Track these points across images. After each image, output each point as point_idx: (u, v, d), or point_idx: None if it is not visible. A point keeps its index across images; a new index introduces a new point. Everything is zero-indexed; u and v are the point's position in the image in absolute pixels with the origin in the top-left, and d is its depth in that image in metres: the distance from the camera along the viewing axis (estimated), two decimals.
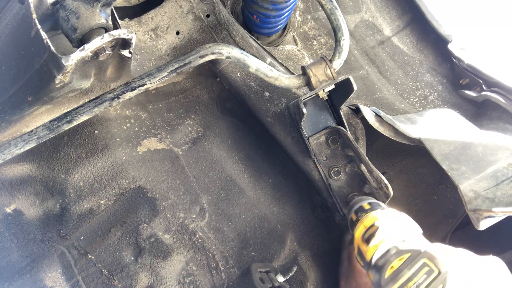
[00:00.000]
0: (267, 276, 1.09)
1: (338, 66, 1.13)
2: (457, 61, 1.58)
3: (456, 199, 1.25)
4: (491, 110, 1.47)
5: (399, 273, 0.70)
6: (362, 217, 0.90)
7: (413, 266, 0.70)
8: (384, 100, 1.53)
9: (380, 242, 0.76)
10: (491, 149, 1.08)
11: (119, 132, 1.23)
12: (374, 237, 0.78)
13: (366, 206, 0.95)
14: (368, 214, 0.89)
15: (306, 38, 1.63)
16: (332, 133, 1.17)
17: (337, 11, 1.12)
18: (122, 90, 1.02)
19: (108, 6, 0.87)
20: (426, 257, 0.71)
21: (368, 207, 0.94)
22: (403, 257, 0.71)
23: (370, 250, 0.77)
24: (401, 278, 0.70)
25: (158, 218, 1.15)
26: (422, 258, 0.71)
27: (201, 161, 1.29)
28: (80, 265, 1.08)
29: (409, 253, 0.71)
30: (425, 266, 0.70)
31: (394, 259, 0.71)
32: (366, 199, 1.00)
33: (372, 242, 0.78)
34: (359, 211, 0.94)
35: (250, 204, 1.27)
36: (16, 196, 1.13)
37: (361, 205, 0.96)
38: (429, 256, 0.71)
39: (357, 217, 0.93)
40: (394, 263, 0.71)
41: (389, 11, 1.72)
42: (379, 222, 0.82)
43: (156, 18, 1.25)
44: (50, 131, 0.97)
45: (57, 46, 0.84)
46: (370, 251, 0.76)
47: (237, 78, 1.26)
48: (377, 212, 0.88)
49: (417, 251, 0.71)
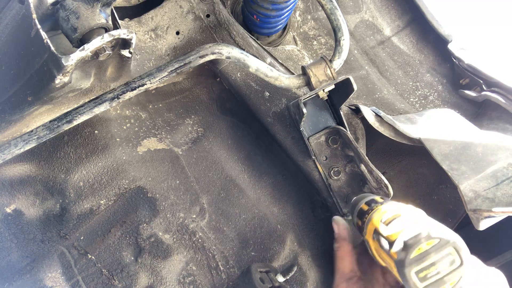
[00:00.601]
0: (267, 276, 1.09)
1: (338, 66, 1.13)
2: (457, 61, 1.58)
3: (456, 199, 1.25)
4: (491, 110, 1.47)
5: (426, 255, 0.72)
6: (378, 206, 0.90)
7: (440, 252, 0.72)
8: (384, 100, 1.53)
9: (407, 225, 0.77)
10: (491, 149, 1.08)
11: (119, 132, 1.23)
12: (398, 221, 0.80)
13: (379, 199, 0.96)
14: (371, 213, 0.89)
15: (306, 38, 1.63)
16: (332, 133, 1.17)
17: (337, 11, 1.12)
18: (122, 90, 1.02)
19: (108, 6, 0.87)
20: (453, 246, 0.72)
21: (382, 200, 0.95)
22: (432, 242, 0.73)
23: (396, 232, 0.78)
24: (426, 260, 0.72)
25: (158, 218, 1.15)
26: (450, 246, 0.72)
27: (201, 161, 1.29)
28: (80, 265, 1.08)
29: (438, 239, 0.73)
30: (450, 255, 0.72)
31: (424, 242, 0.73)
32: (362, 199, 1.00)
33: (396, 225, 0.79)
34: (372, 202, 0.95)
35: (250, 204, 1.27)
36: (16, 196, 1.13)
37: (373, 198, 0.97)
38: (457, 246, 0.72)
39: (370, 207, 0.93)
40: (423, 245, 0.73)
41: (389, 11, 1.72)
42: (400, 210, 0.83)
43: (156, 18, 1.25)
44: (50, 131, 0.97)
45: (57, 46, 0.84)
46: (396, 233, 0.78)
47: (237, 78, 1.26)
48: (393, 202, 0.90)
49: (446, 239, 0.73)
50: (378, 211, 0.87)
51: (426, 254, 0.72)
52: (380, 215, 0.85)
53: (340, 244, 1.07)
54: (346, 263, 1.04)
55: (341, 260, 1.05)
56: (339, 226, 1.10)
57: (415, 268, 0.72)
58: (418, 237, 0.74)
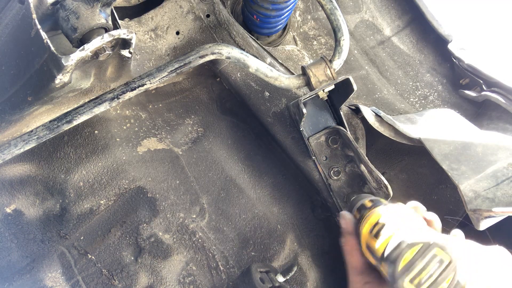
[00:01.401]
0: (267, 276, 1.09)
1: (338, 66, 1.13)
2: (457, 61, 1.58)
3: (456, 199, 1.25)
4: (491, 110, 1.46)
5: (412, 264, 0.72)
6: (366, 214, 0.90)
7: (425, 257, 0.72)
8: (384, 100, 1.53)
9: (390, 236, 0.77)
10: (491, 149, 1.08)
11: (119, 132, 1.23)
12: (382, 232, 0.79)
13: (368, 203, 0.95)
14: (372, 210, 0.90)
15: (306, 38, 1.63)
16: (332, 133, 1.17)
17: (337, 11, 1.12)
18: (122, 90, 1.02)
19: (108, 6, 0.87)
20: (437, 246, 0.72)
21: (370, 204, 0.94)
22: (415, 249, 0.73)
23: (381, 245, 0.78)
24: (414, 268, 0.71)
25: (158, 218, 1.15)
26: (434, 247, 0.72)
27: (201, 161, 1.29)
28: (80, 265, 1.08)
29: (420, 244, 0.73)
30: (437, 256, 0.72)
31: (407, 251, 0.73)
32: (367, 197, 1.00)
33: (381, 237, 0.79)
34: (361, 209, 0.95)
35: (250, 204, 1.27)
36: (16, 196, 1.13)
37: (362, 203, 0.97)
38: (440, 245, 0.72)
39: (361, 214, 0.93)
40: (407, 255, 0.73)
41: (389, 11, 1.72)
42: (384, 219, 0.83)
43: (156, 18, 1.25)
44: (50, 131, 0.97)
45: (57, 46, 0.84)
46: (382, 246, 0.78)
47: (237, 78, 1.26)
48: (380, 209, 0.89)
49: (427, 242, 0.73)
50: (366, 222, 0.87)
51: (413, 262, 0.72)
52: (368, 227, 0.85)
53: (347, 239, 1.07)
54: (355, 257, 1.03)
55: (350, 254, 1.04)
56: (346, 221, 1.10)
57: (407, 278, 0.71)
58: (399, 249, 0.73)
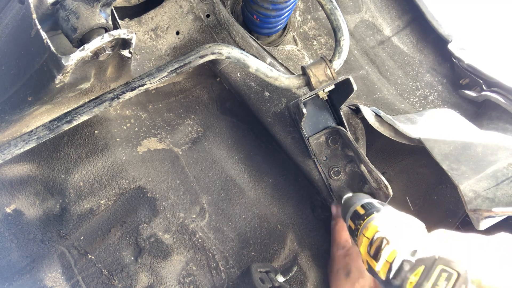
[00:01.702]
0: (267, 276, 1.09)
1: (338, 66, 1.13)
2: (457, 61, 1.58)
3: (456, 199, 1.25)
4: (491, 110, 1.46)
5: (420, 287, 0.68)
6: (361, 225, 0.86)
7: (432, 276, 0.68)
8: (384, 100, 1.53)
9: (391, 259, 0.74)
10: (491, 149, 1.08)
11: (119, 132, 1.23)
12: (382, 253, 0.76)
13: (361, 210, 0.91)
14: (366, 221, 0.86)
15: (306, 38, 1.63)
16: (332, 133, 1.17)
17: (337, 11, 1.12)
18: (122, 90, 1.02)
19: (108, 6, 0.87)
20: (441, 263, 0.69)
21: (363, 211, 0.91)
22: (419, 270, 0.69)
23: (382, 269, 0.75)
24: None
25: (158, 218, 1.15)
26: (438, 265, 0.68)
27: (201, 161, 1.29)
28: (80, 265, 1.08)
29: (423, 265, 0.69)
30: (444, 272, 0.68)
31: (410, 274, 0.69)
32: (358, 200, 0.97)
33: (381, 259, 0.75)
34: (355, 219, 0.91)
35: (250, 204, 1.27)
36: (16, 196, 1.13)
37: (355, 211, 0.93)
38: (444, 261, 0.69)
39: (356, 225, 0.90)
40: (411, 278, 0.69)
41: (389, 11, 1.72)
42: (381, 233, 0.79)
43: (156, 18, 1.25)
44: (50, 131, 0.97)
45: (57, 46, 0.84)
46: (383, 269, 0.74)
47: (237, 78, 1.26)
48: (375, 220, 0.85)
49: (431, 259, 0.69)
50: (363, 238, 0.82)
51: (419, 286, 0.68)
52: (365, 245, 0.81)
53: (337, 221, 1.19)
54: (341, 235, 1.17)
55: (338, 233, 1.17)
56: (337, 208, 1.20)
57: None
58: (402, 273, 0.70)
